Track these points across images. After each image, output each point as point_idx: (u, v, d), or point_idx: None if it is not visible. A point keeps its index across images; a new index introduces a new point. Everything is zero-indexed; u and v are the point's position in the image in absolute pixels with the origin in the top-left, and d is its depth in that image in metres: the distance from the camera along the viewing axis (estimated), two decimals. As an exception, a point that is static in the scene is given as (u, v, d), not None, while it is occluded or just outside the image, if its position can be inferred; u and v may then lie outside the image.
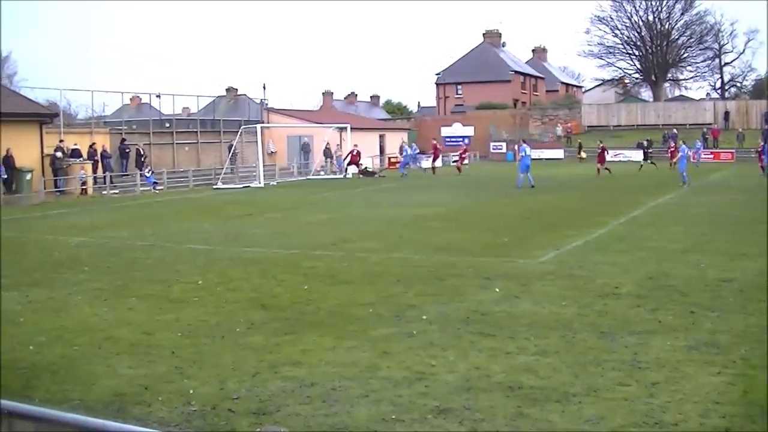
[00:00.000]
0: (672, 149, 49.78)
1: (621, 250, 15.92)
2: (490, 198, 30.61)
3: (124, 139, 42.63)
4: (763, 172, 39.73)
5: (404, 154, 51.94)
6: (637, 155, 57.24)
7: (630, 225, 20.57)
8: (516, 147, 37.15)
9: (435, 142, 55.10)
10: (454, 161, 53.43)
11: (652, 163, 50.33)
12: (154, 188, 39.46)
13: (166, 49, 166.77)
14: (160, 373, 8.27)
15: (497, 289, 12.16)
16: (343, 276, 13.71)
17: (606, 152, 43.36)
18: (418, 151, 54.10)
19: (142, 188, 38.86)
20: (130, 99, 77.03)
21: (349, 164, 49.57)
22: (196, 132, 49.83)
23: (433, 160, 51.81)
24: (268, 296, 12.10)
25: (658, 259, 14.81)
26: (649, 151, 53.22)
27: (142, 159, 42.32)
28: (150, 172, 41.47)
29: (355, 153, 48.86)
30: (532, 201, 28.33)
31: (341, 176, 49.94)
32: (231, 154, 47.11)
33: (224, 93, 77.01)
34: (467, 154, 54.73)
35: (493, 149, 71.74)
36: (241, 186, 41.76)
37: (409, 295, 11.93)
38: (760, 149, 44.63)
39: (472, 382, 7.77)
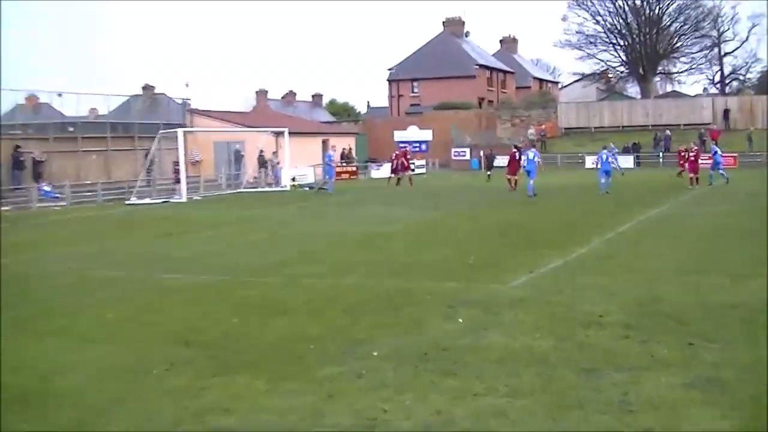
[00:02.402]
0: (683, 153, 48.38)
1: (606, 272, 16.01)
2: (453, 212, 30.70)
3: (18, 146, 42.13)
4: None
5: (327, 160, 49.60)
6: (626, 160, 57.99)
7: (616, 242, 20.72)
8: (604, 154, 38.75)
9: (407, 147, 55.11)
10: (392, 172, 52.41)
11: (488, 175, 51.21)
12: (55, 204, 38.98)
13: (70, 39, 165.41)
14: (58, 428, 8.12)
15: (461, 320, 12.14)
16: (282, 306, 13.62)
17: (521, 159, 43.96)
18: (332, 158, 50.88)
19: (39, 204, 38.37)
20: (26, 98, 76.03)
21: (394, 170, 49.97)
22: (106, 138, 49.40)
23: (396, 170, 51.01)
24: (192, 331, 11.97)
25: (649, 281, 14.89)
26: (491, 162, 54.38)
27: (40, 169, 41.83)
28: (49, 185, 40.99)
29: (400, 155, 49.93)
30: (503, 215, 28.47)
31: (280, 188, 49.85)
32: (147, 163, 46.77)
33: (139, 92, 76.65)
34: (409, 160, 53.63)
35: (455, 155, 72.19)
36: (160, 201, 41.50)
37: (359, 327, 11.87)
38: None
39: (433, 428, 7.73)
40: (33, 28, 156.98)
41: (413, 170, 53.35)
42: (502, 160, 52.68)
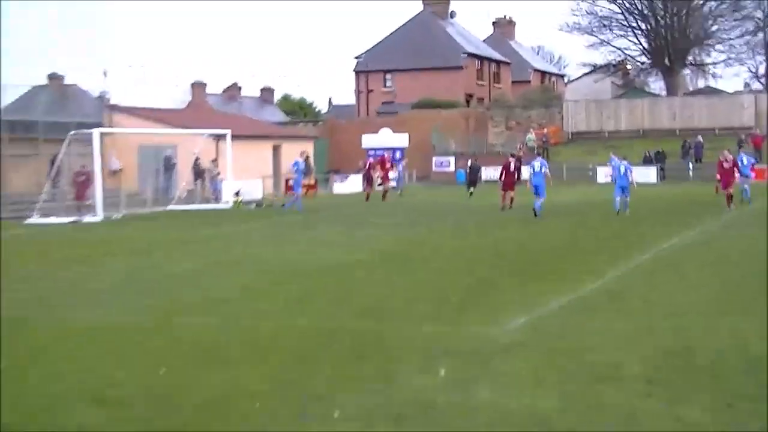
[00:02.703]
0: (722, 164, 45.92)
1: (623, 312, 16.03)
2: (435, 235, 30.72)
3: None
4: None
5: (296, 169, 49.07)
6: (646, 173, 57.99)
7: (635, 274, 20.77)
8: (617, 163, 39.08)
9: (385, 155, 55.47)
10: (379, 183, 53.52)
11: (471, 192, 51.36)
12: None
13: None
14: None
15: (443, 371, 12.12)
16: (221, 353, 13.59)
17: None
18: (301, 167, 50.06)
19: None
20: None
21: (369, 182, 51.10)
22: (0, 139, 49.14)
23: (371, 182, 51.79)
24: (106, 385, 11.87)
25: (676, 324, 14.91)
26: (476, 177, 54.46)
27: None
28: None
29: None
30: (497, 239, 28.49)
31: (220, 205, 49.80)
32: (54, 172, 46.54)
33: (45, 82, 76.34)
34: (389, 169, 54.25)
35: (437, 166, 72.10)
36: (69, 220, 41.29)
37: (317, 381, 11.83)
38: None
39: None
40: None
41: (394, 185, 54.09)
42: (492, 173, 52.93)
